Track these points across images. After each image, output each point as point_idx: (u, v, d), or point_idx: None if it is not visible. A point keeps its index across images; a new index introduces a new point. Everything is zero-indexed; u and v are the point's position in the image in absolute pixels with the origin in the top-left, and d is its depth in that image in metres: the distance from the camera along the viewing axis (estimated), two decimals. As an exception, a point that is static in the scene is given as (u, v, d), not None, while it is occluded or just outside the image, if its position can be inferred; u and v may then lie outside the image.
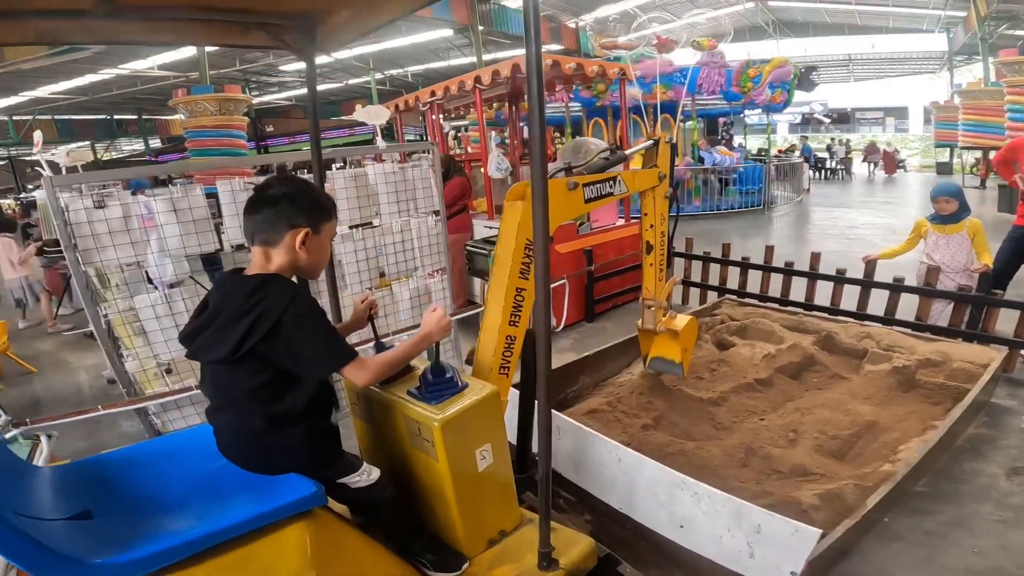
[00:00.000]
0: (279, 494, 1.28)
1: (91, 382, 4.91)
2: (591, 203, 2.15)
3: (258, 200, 1.45)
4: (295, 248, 1.43)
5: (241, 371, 1.36)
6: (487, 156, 5.15)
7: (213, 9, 1.73)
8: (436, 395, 1.54)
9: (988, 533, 2.13)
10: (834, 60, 24.94)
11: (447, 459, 1.48)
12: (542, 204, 1.26)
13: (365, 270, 3.59)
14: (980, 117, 12.89)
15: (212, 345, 1.35)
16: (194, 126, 10.30)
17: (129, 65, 15.16)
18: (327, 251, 1.57)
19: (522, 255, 1.80)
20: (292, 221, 1.43)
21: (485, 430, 1.57)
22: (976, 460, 2.63)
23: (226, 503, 1.28)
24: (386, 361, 1.49)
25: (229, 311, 1.34)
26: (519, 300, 1.82)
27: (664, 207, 2.70)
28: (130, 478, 1.39)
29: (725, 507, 1.72)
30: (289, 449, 1.41)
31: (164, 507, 1.28)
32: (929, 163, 21.46)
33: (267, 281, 1.38)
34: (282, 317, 1.32)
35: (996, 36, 14.41)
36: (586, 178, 2.11)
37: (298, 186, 1.50)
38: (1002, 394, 3.26)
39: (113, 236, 2.75)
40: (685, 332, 2.84)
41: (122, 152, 26.43)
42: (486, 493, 1.62)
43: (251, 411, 1.39)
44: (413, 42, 17.10)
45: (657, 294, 2.79)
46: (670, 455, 2.41)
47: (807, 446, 2.64)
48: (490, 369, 1.78)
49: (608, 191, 2.23)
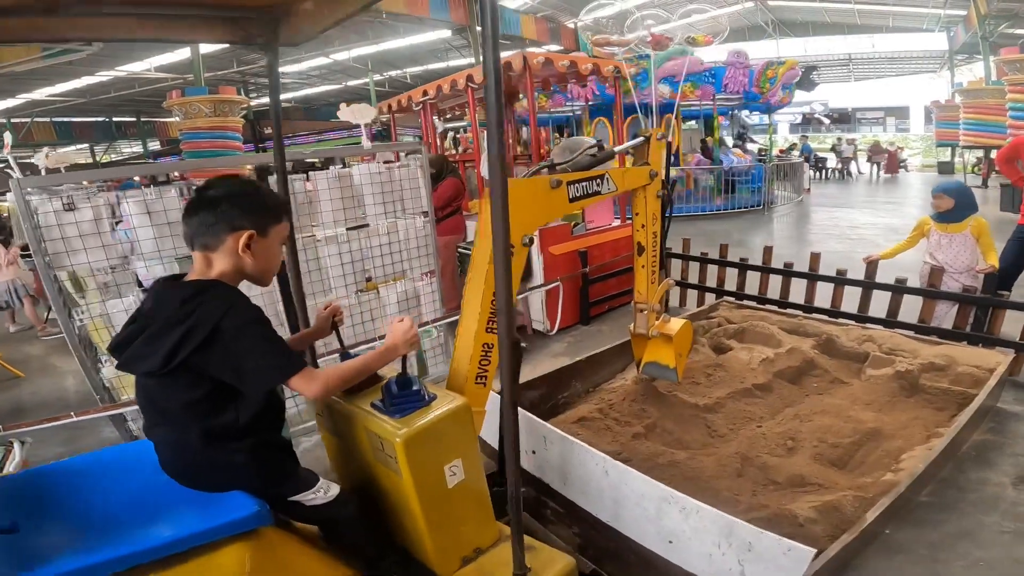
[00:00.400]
0: (217, 513, 1.21)
1: (77, 387, 4.82)
2: (577, 202, 2.05)
3: (197, 202, 1.37)
4: (238, 252, 1.34)
5: (175, 384, 1.27)
6: (480, 156, 5.06)
7: (171, 4, 1.65)
8: (400, 408, 1.44)
9: (995, 544, 2.02)
10: (834, 60, 24.84)
11: (411, 475, 1.39)
12: (501, 208, 1.15)
13: (351, 273, 3.50)
14: (981, 116, 12.79)
15: (142, 356, 1.25)
16: (189, 128, 10.25)
17: (126, 67, 15.13)
18: (277, 255, 1.48)
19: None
20: (234, 223, 1.35)
21: (454, 445, 1.48)
22: (982, 468, 2.52)
23: (160, 521, 1.21)
24: (341, 373, 1.40)
25: (161, 320, 1.25)
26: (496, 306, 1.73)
27: (656, 206, 2.59)
28: (66, 492, 1.32)
29: (715, 523, 1.62)
30: (231, 466, 1.32)
31: (95, 523, 1.22)
32: (931, 163, 21.34)
33: (204, 288, 1.29)
34: (219, 325, 1.22)
35: (997, 35, 14.33)
36: (570, 176, 2.02)
37: (241, 187, 1.41)
38: (1009, 399, 3.15)
39: (84, 239, 2.67)
40: (679, 336, 2.73)
41: (121, 154, 26.43)
42: (458, 510, 1.52)
43: (187, 427, 1.29)
44: (411, 43, 17.06)
45: (649, 297, 2.68)
46: (661, 466, 2.31)
47: (806, 455, 2.53)
48: (466, 378, 1.69)
49: (595, 190, 2.13)
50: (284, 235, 1.48)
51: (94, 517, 1.24)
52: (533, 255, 4.64)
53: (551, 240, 4.63)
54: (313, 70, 19.91)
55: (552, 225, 4.65)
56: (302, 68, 19.40)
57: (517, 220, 1.73)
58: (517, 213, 1.74)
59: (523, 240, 1.79)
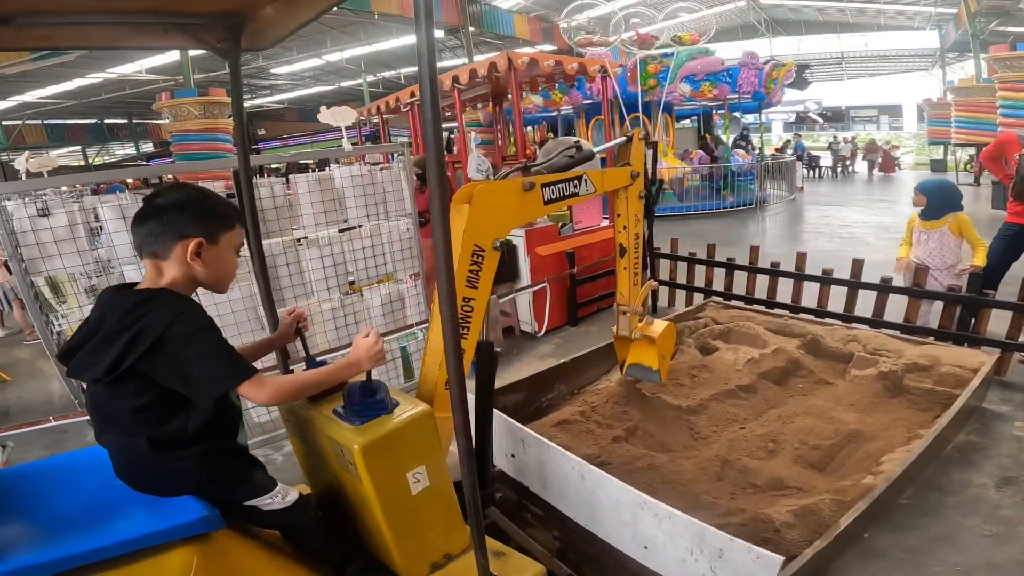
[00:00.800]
0: (165, 517, 1.21)
1: (63, 391, 4.78)
2: (552, 204, 2.02)
3: (144, 211, 1.35)
4: (187, 260, 1.32)
5: (122, 391, 1.26)
6: (467, 157, 5.03)
7: (129, 12, 1.61)
8: (360, 415, 1.42)
9: (974, 548, 2.01)
10: (827, 58, 24.92)
11: (372, 483, 1.37)
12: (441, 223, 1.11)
13: (333, 276, 3.48)
14: (973, 114, 12.81)
15: (89, 364, 1.24)
16: (179, 130, 10.18)
17: (116, 69, 15.07)
18: (231, 263, 1.45)
19: (469, 262, 1.71)
20: (181, 231, 1.33)
21: (418, 452, 1.46)
22: (965, 470, 2.51)
23: (107, 524, 1.21)
24: (295, 383, 1.38)
25: (107, 328, 1.24)
26: (467, 311, 1.73)
27: (638, 207, 2.57)
28: (17, 495, 1.32)
29: (687, 529, 1.60)
30: (180, 472, 1.31)
31: (45, 525, 1.22)
32: (924, 160, 21.38)
33: (151, 296, 1.28)
34: (165, 334, 1.21)
35: (987, 32, 14.37)
36: (545, 178, 1.99)
37: (188, 193, 1.38)
38: (994, 399, 3.14)
39: (59, 245, 2.64)
40: (662, 338, 2.70)
41: (114, 156, 26.34)
42: (424, 516, 1.51)
43: (135, 433, 1.29)
44: (404, 44, 17.01)
45: (632, 299, 2.66)
46: (640, 469, 2.29)
47: (786, 457, 2.52)
48: (435, 384, 1.67)
49: (572, 191, 2.10)
50: (237, 242, 1.45)
51: (45, 519, 1.24)
52: (520, 256, 4.62)
53: (538, 241, 4.61)
54: (306, 71, 19.86)
55: (539, 226, 4.64)
56: (295, 69, 19.34)
57: (489, 223, 1.75)
58: (488, 216, 1.74)
59: (494, 244, 1.76)
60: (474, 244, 1.71)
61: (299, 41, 15.70)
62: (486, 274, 1.75)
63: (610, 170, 2.43)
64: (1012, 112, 9.07)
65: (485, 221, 1.73)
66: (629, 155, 2.48)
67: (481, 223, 1.72)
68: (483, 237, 1.73)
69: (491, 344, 1.92)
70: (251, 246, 2.06)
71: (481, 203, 1.72)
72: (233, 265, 1.46)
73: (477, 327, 1.77)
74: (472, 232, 1.69)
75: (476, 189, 1.72)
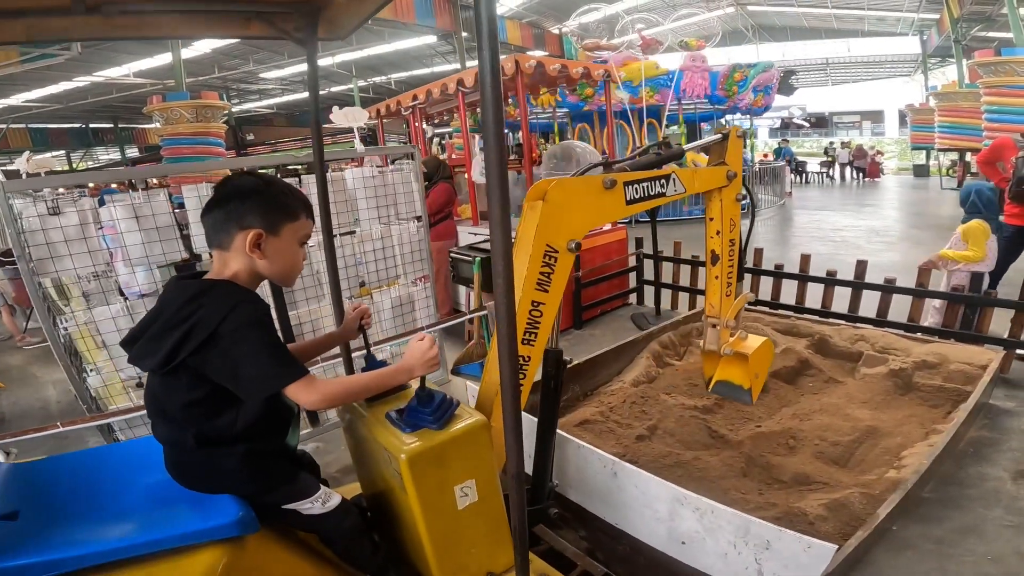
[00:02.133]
0: (200, 517, 1.21)
1: (59, 397, 4.71)
2: (635, 205, 1.83)
3: (211, 200, 1.33)
4: (246, 252, 1.29)
5: (175, 384, 1.25)
6: (471, 160, 5.04)
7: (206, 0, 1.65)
8: (413, 423, 1.38)
9: (1000, 539, 2.04)
10: (812, 64, 25.35)
11: (417, 495, 1.33)
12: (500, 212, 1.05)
13: (344, 279, 3.45)
14: (956, 119, 13.07)
15: (146, 354, 1.24)
16: (170, 133, 10.08)
17: (104, 72, 14.88)
18: (295, 255, 1.40)
19: (540, 263, 1.56)
20: (242, 222, 1.30)
21: (468, 465, 1.40)
22: (980, 464, 2.55)
23: (141, 520, 1.21)
24: (346, 387, 1.36)
25: (164, 319, 1.23)
26: (535, 316, 1.59)
27: (735, 211, 2.33)
28: (70, 483, 1.34)
29: (731, 522, 1.60)
30: (222, 470, 1.30)
31: (75, 516, 1.22)
32: (906, 166, 21.79)
33: (208, 288, 1.26)
34: (219, 329, 1.19)
35: (969, 38, 14.66)
36: (628, 175, 1.81)
37: (253, 183, 1.34)
38: (1000, 395, 3.20)
39: (69, 245, 2.59)
40: (757, 356, 2.43)
41: (98, 161, 25.94)
42: (469, 532, 1.44)
43: (183, 427, 1.28)
44: (396, 48, 17.04)
45: (723, 311, 2.38)
46: (667, 467, 2.30)
47: (807, 453, 2.54)
48: (496, 393, 1.57)
49: (659, 191, 1.91)
50: (303, 234, 1.40)
51: (84, 511, 1.24)
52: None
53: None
54: (296, 76, 19.76)
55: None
56: (284, 74, 19.26)
57: (563, 222, 1.60)
58: (563, 215, 1.60)
59: (568, 245, 1.61)
60: (547, 244, 1.56)
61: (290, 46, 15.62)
62: (559, 277, 1.61)
63: (704, 169, 2.22)
64: (998, 117, 9.27)
65: (560, 219, 1.59)
66: (724, 154, 2.27)
67: (556, 222, 1.58)
68: (557, 237, 1.59)
69: (559, 352, 1.80)
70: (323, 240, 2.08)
71: (556, 200, 1.58)
72: (297, 258, 1.41)
73: (546, 334, 1.63)
74: (545, 231, 1.55)
75: (552, 185, 1.59)
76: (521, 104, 4.45)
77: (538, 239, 1.54)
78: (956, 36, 14.47)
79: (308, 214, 1.40)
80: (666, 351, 3.75)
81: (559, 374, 1.82)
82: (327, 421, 3.33)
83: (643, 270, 5.24)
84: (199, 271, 1.38)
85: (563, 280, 1.62)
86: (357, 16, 1.77)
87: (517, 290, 1.55)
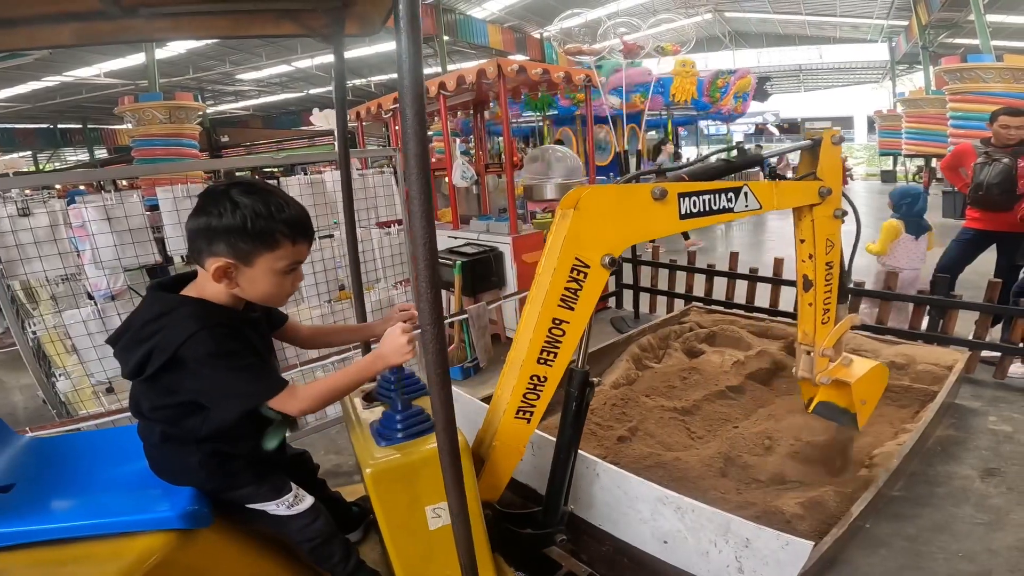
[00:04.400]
0: (150, 507, 1.23)
1: (26, 402, 4.60)
2: (690, 219, 1.61)
3: (194, 208, 1.23)
4: (216, 280, 1.21)
5: (150, 389, 1.26)
6: (451, 164, 5.04)
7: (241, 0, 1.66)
8: (389, 435, 1.36)
9: (971, 536, 2.10)
10: (786, 70, 25.93)
11: (383, 510, 1.31)
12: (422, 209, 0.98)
13: (323, 282, 3.42)
14: (922, 125, 13.42)
15: (121, 361, 1.24)
16: (142, 135, 9.86)
17: (74, 72, 14.52)
18: (276, 286, 1.26)
19: (566, 277, 1.43)
20: (211, 246, 1.20)
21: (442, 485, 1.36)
22: (948, 462, 2.62)
23: (100, 503, 1.26)
24: (328, 386, 1.31)
25: (132, 333, 1.22)
26: (556, 334, 1.46)
27: (832, 229, 2.04)
28: (68, 460, 1.41)
29: (712, 521, 1.63)
30: (185, 466, 1.30)
31: (47, 495, 1.27)
32: (874, 171, 22.35)
33: (175, 308, 1.21)
34: (178, 354, 1.17)
35: (936, 44, 15.09)
36: (683, 186, 1.59)
37: (230, 198, 1.18)
38: (966, 395, 3.30)
39: (39, 246, 2.52)
40: (863, 384, 2.19)
41: (66, 162, 25.27)
42: (440, 555, 1.37)
43: (152, 425, 1.30)
44: (376, 51, 16.93)
45: (818, 339, 2.13)
46: (648, 468, 2.32)
47: (783, 453, 2.59)
48: (503, 411, 1.50)
49: (724, 206, 1.66)
50: (285, 264, 1.25)
51: (51, 491, 1.28)
52: (507, 263, 4.63)
53: (524, 248, 4.63)
54: (273, 78, 19.54)
55: (525, 233, 4.66)
56: (262, 76, 19.00)
57: (597, 234, 1.45)
58: (598, 226, 1.45)
59: (603, 260, 1.46)
60: (576, 257, 1.42)
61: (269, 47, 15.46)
62: (588, 295, 1.46)
63: (789, 184, 1.93)
64: (963, 123, 9.54)
65: (594, 231, 1.44)
66: (815, 164, 1.97)
67: (589, 233, 1.43)
68: (589, 250, 1.44)
69: (586, 373, 1.68)
70: (347, 237, 2.16)
71: (590, 209, 1.42)
72: (278, 289, 1.28)
73: (567, 354, 1.50)
74: (574, 242, 1.41)
75: (585, 191, 1.43)
76: (503, 107, 4.46)
77: (565, 251, 1.41)
78: (924, 43, 14.87)
79: (297, 239, 1.26)
80: (645, 354, 3.79)
81: (584, 396, 1.70)
82: (306, 425, 3.30)
83: (622, 274, 5.29)
84: (181, 275, 1.32)
85: (593, 298, 1.48)
86: (384, 11, 1.77)
87: (536, 304, 1.46)
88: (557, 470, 1.72)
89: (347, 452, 3.16)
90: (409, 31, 0.85)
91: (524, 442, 1.58)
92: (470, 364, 4.21)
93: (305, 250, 1.29)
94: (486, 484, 1.62)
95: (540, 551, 1.72)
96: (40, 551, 1.14)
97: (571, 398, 1.67)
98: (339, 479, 2.70)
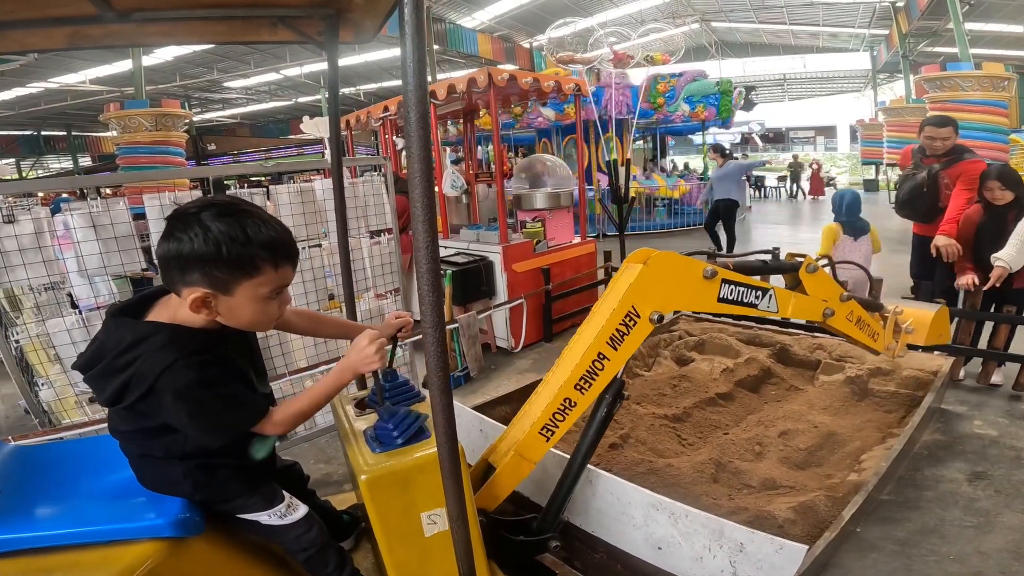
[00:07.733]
0: (139, 515, 1.22)
1: (7, 412, 4.51)
2: (724, 305, 1.80)
3: (163, 232, 1.13)
4: (194, 311, 1.15)
5: (127, 414, 1.23)
6: (442, 173, 5.05)
7: (231, 5, 1.64)
8: (384, 441, 1.35)
9: (961, 539, 2.12)
10: (771, 80, 26.32)
11: (378, 517, 1.31)
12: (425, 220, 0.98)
13: (312, 291, 3.40)
14: (903, 134, 13.50)
15: (96, 389, 1.21)
16: (128, 142, 9.72)
17: (59, 79, 14.37)
18: (260, 312, 1.20)
19: (620, 320, 1.61)
20: (184, 275, 1.12)
21: (439, 491, 1.32)
22: (935, 466, 2.66)
23: (89, 512, 1.23)
24: (300, 408, 1.30)
25: (105, 363, 1.17)
26: (596, 367, 1.64)
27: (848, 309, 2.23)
28: (54, 468, 1.39)
29: (705, 526, 1.64)
30: (169, 479, 1.28)
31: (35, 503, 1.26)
32: (857, 180, 22.63)
33: (149, 335, 1.15)
34: (157, 385, 1.13)
35: (916, 53, 15.34)
36: (731, 274, 1.79)
37: (200, 222, 1.09)
38: (951, 399, 3.35)
39: (24, 254, 2.48)
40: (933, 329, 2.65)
41: (49, 170, 24.95)
42: (435, 562, 1.39)
43: (130, 442, 1.28)
44: (365, 60, 16.96)
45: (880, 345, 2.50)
46: (640, 474, 2.32)
47: (773, 459, 2.61)
48: (531, 424, 1.64)
49: (751, 300, 1.86)
50: (269, 289, 1.18)
51: (41, 498, 1.27)
52: (497, 273, 4.64)
53: (514, 258, 4.64)
54: (262, 86, 19.47)
55: (515, 242, 4.68)
56: (250, 83, 18.94)
57: (655, 292, 1.65)
58: (658, 285, 1.65)
59: (651, 315, 1.64)
60: (632, 305, 1.61)
61: (257, 55, 15.42)
62: (631, 340, 1.64)
63: (803, 299, 2.07)
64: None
65: (654, 288, 1.64)
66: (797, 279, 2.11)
67: (649, 289, 1.63)
68: (645, 303, 1.63)
69: (622, 383, 1.77)
70: (339, 246, 2.18)
71: (657, 269, 1.63)
72: (262, 315, 1.22)
73: (598, 389, 1.67)
74: (636, 293, 1.60)
75: (656, 254, 1.65)
76: (493, 116, 4.48)
77: (627, 298, 1.59)
78: (904, 51, 15.11)
79: (279, 262, 1.18)
80: (635, 362, 3.80)
81: (615, 403, 1.79)
82: (295, 435, 3.26)
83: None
84: (143, 295, 1.25)
85: (634, 346, 1.66)
86: (376, 18, 1.79)
87: (589, 337, 1.64)
88: (565, 477, 1.80)
89: (337, 461, 3.13)
90: (414, 36, 0.86)
91: (540, 457, 1.71)
92: (460, 373, 4.20)
93: (290, 273, 1.23)
94: (489, 492, 1.68)
95: (533, 558, 1.74)
96: (27, 559, 1.11)
97: (603, 403, 1.76)
98: (329, 488, 2.67)
